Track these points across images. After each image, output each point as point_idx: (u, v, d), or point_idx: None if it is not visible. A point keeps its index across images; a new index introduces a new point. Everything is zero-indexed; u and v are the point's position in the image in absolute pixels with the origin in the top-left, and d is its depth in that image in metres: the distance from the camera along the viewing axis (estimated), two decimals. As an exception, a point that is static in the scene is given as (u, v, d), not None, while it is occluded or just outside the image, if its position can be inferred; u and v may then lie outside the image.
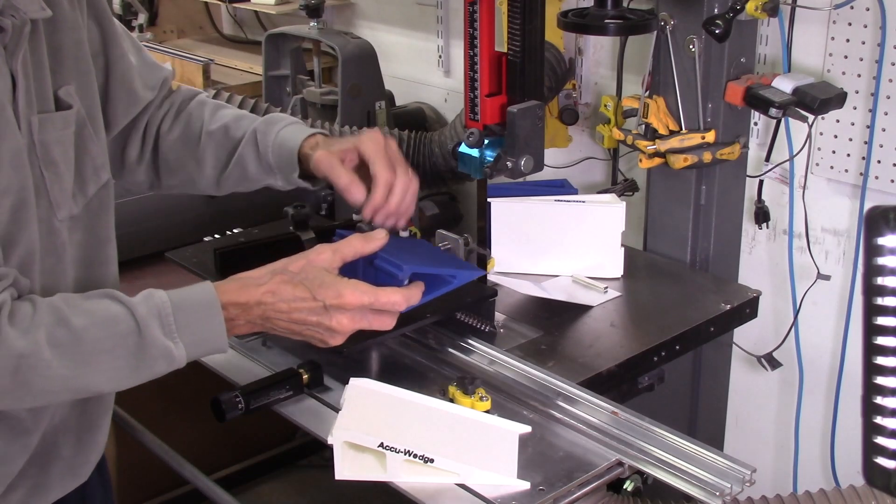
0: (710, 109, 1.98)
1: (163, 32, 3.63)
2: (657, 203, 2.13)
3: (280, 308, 1.32)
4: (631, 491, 1.39)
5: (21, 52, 1.20)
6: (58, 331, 1.18)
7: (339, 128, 2.26)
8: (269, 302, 1.31)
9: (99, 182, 1.35)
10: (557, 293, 1.91)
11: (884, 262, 1.06)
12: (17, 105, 1.21)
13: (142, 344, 1.22)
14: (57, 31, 1.28)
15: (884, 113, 1.96)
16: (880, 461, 1.08)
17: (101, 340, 1.20)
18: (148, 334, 1.22)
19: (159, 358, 1.23)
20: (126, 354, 1.21)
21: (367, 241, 1.41)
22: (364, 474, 1.34)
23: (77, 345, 1.18)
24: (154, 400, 2.21)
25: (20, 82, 1.21)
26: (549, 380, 1.55)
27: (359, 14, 3.12)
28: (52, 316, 1.18)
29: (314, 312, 1.33)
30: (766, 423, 2.38)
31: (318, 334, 1.36)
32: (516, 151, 1.60)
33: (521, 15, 1.57)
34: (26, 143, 1.22)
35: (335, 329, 1.34)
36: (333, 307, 1.33)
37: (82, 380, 1.20)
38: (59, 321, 1.18)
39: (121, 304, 1.23)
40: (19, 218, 1.21)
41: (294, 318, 1.33)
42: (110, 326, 1.21)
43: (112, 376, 1.22)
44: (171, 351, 1.24)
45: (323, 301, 1.32)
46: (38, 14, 1.22)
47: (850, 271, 2.11)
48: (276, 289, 1.32)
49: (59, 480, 1.37)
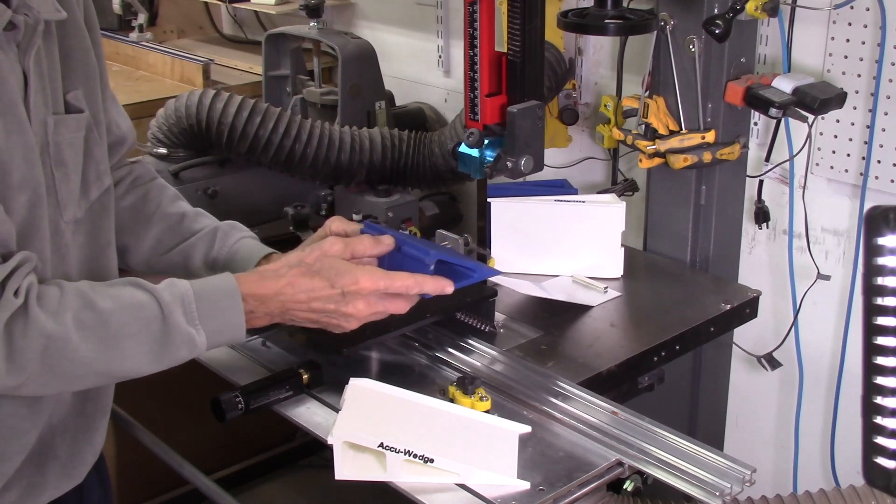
0: (710, 109, 1.98)
1: (163, 32, 3.63)
2: (657, 203, 2.13)
3: (299, 299, 1.36)
4: (631, 491, 1.39)
5: (33, 51, 1.23)
6: (85, 314, 1.20)
7: (339, 128, 2.26)
8: (288, 293, 1.35)
9: (101, 187, 1.37)
10: (557, 293, 1.91)
11: (884, 262, 1.06)
12: (28, 103, 1.23)
13: (165, 330, 1.24)
14: (68, 35, 1.31)
15: (884, 113, 1.96)
16: (880, 461, 1.08)
17: (126, 324, 1.22)
18: (172, 320, 1.25)
19: (182, 344, 1.26)
20: (150, 340, 1.24)
21: (376, 244, 1.45)
22: (364, 474, 1.34)
23: (103, 328, 1.21)
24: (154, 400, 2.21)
25: (32, 81, 1.23)
26: (549, 380, 1.55)
27: (359, 14, 3.12)
28: (79, 299, 1.21)
29: (332, 300, 1.37)
30: (766, 423, 2.38)
31: (335, 320, 1.39)
32: (516, 151, 1.60)
33: (521, 15, 1.57)
34: (40, 142, 1.24)
35: (352, 314, 1.38)
36: (350, 293, 1.37)
37: (106, 363, 1.22)
38: (86, 304, 1.21)
39: (145, 291, 1.26)
40: (35, 214, 1.24)
41: (313, 307, 1.37)
42: (136, 311, 1.24)
43: (136, 361, 1.24)
44: (193, 337, 1.27)
45: (341, 288, 1.36)
46: (52, 15, 1.25)
47: (850, 271, 2.11)
48: (294, 280, 1.36)
49: (55, 481, 1.38)
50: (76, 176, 1.31)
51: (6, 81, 1.19)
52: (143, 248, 1.55)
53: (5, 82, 1.19)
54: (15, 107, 1.20)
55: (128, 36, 3.41)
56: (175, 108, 2.23)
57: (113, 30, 3.42)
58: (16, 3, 1.19)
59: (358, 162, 2.25)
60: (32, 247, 1.24)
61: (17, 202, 1.21)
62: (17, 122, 1.20)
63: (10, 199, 1.20)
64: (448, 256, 1.51)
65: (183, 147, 2.29)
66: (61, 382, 1.24)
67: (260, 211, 2.30)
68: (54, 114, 1.27)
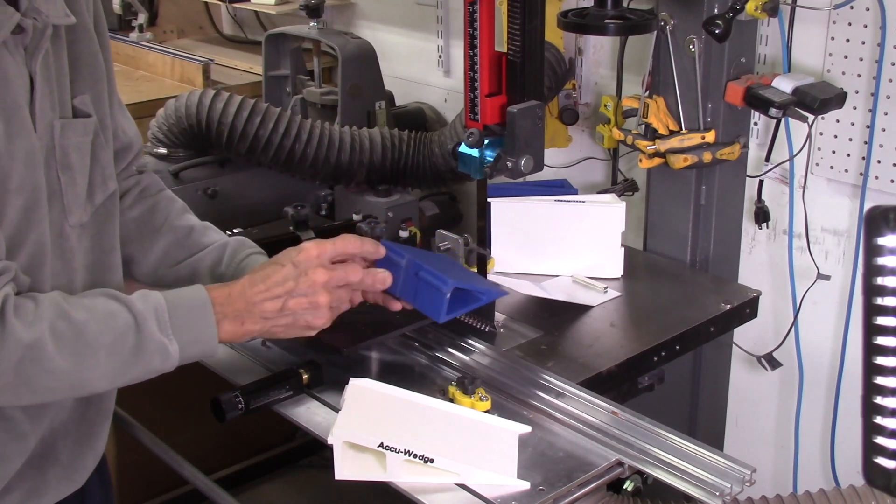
0: (710, 109, 1.98)
1: (163, 32, 3.63)
2: (657, 203, 2.13)
3: (259, 289, 1.34)
4: (631, 491, 1.39)
5: (40, 55, 1.23)
6: (60, 324, 1.19)
7: (339, 128, 2.26)
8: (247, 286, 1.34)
9: (106, 191, 1.36)
10: (557, 293, 1.91)
11: (884, 262, 1.06)
12: (34, 107, 1.23)
13: (139, 339, 1.24)
14: (77, 40, 1.31)
15: (884, 113, 1.96)
16: (880, 461, 1.08)
17: (101, 334, 1.21)
18: (145, 329, 1.24)
19: (155, 353, 1.25)
20: (124, 350, 1.23)
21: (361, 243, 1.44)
22: (364, 474, 1.34)
23: (78, 338, 1.20)
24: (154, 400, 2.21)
25: (39, 85, 1.23)
26: (549, 380, 1.55)
27: (359, 14, 3.12)
28: (53, 310, 1.20)
29: (289, 277, 1.35)
30: (766, 423, 2.38)
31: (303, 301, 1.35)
32: (516, 151, 1.60)
33: (521, 15, 1.56)
34: (45, 146, 1.24)
35: (316, 282, 1.35)
36: (300, 262, 1.35)
37: (81, 374, 1.21)
38: (61, 315, 1.20)
39: (118, 302, 1.25)
40: (30, 217, 1.23)
41: (274, 291, 1.34)
42: (109, 321, 1.23)
43: (110, 371, 1.23)
44: (166, 347, 1.26)
45: (290, 262, 1.36)
46: (61, 20, 1.25)
47: (850, 271, 2.11)
48: (251, 276, 1.36)
49: (56, 484, 1.38)
50: (83, 180, 1.30)
51: (11, 84, 1.19)
52: (149, 261, 1.54)
53: (10, 85, 1.19)
54: (19, 110, 1.20)
55: (128, 36, 3.42)
56: (175, 108, 2.23)
57: (113, 30, 3.42)
58: (24, 6, 1.20)
59: (358, 162, 2.25)
60: (23, 250, 1.23)
61: (13, 206, 1.20)
62: (21, 126, 1.20)
63: (6, 204, 1.19)
64: (464, 283, 1.50)
65: (183, 147, 2.29)
66: (35, 394, 1.22)
67: (260, 211, 2.30)
68: (61, 118, 1.27)
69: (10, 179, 1.19)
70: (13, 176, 1.19)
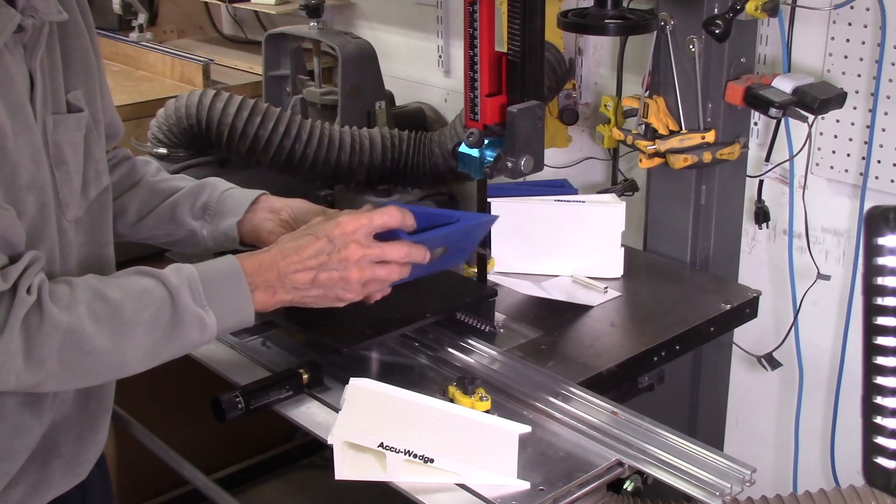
0: (710, 109, 1.98)
1: (163, 32, 3.63)
2: (657, 203, 2.13)
3: (292, 259, 1.36)
4: (631, 491, 1.39)
5: (39, 53, 1.24)
6: (97, 305, 1.21)
7: (339, 128, 2.26)
8: (279, 256, 1.36)
9: (100, 186, 1.38)
10: (557, 293, 1.91)
11: (884, 262, 1.06)
12: (34, 104, 1.24)
13: (175, 312, 1.25)
14: (68, 35, 1.32)
15: (884, 113, 1.96)
16: (880, 461, 1.08)
17: (138, 312, 1.23)
18: (180, 302, 1.25)
19: (193, 326, 1.27)
20: (162, 324, 1.25)
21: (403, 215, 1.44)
22: (364, 474, 1.34)
23: (116, 317, 1.21)
24: (154, 400, 2.21)
25: (38, 82, 1.24)
26: (549, 380, 1.55)
27: (359, 14, 3.12)
28: (89, 292, 1.22)
29: (323, 251, 1.36)
30: (766, 423, 2.38)
31: (336, 273, 1.37)
32: (516, 151, 1.60)
33: (521, 15, 1.56)
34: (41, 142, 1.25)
35: (349, 259, 1.36)
36: (337, 237, 1.37)
37: (123, 353, 1.23)
38: (97, 296, 1.22)
39: (152, 277, 1.27)
40: (44, 214, 1.25)
41: (307, 263, 1.36)
42: (145, 297, 1.25)
43: (150, 348, 1.25)
44: (203, 318, 1.27)
45: (326, 236, 1.37)
46: (55, 17, 1.26)
47: (850, 271, 2.11)
48: (283, 246, 1.38)
49: (59, 478, 1.39)
50: (77, 175, 1.31)
51: (15, 83, 1.20)
52: (131, 211, 1.59)
53: (14, 84, 1.20)
54: (23, 108, 1.21)
55: (128, 36, 3.41)
56: (175, 108, 2.23)
57: (113, 30, 3.41)
58: (22, 5, 1.21)
59: (358, 162, 2.25)
60: (43, 246, 1.25)
61: (27, 203, 1.22)
62: (25, 124, 1.22)
63: (20, 201, 1.21)
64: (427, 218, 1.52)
65: (183, 147, 2.29)
66: (78, 378, 1.25)
67: (260, 211, 2.30)
68: (56, 113, 1.28)
69: (21, 177, 1.21)
70: (23, 173, 1.21)
